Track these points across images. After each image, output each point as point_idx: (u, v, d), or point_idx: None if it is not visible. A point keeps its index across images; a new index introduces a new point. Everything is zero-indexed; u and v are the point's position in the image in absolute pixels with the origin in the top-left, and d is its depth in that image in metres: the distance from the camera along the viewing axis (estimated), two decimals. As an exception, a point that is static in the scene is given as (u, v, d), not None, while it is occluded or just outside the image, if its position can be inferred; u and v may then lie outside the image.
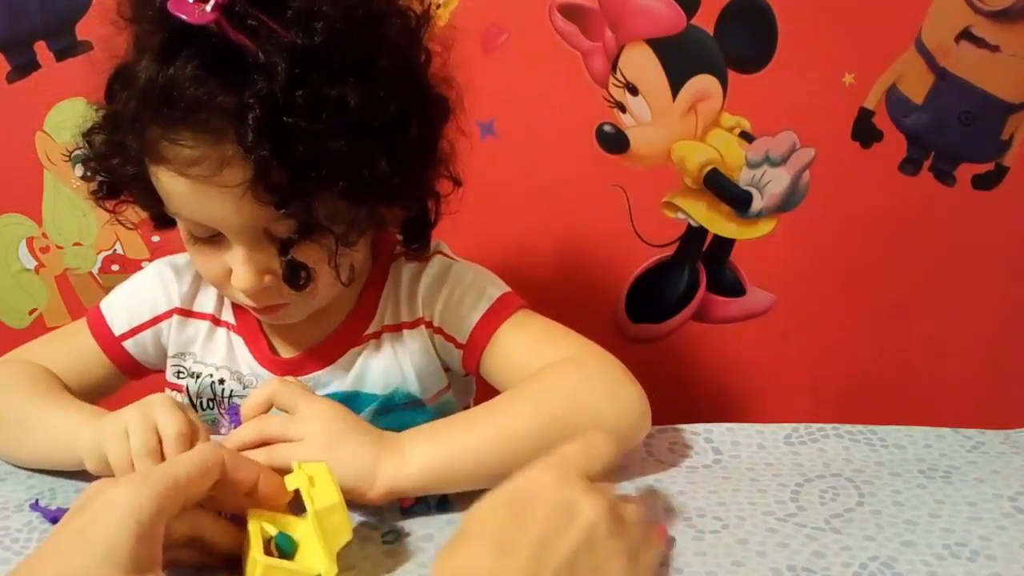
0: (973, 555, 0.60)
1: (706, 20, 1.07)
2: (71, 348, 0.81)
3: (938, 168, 1.14)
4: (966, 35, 1.08)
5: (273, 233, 0.67)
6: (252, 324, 0.80)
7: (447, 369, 0.82)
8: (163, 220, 0.75)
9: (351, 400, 0.75)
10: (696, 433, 0.77)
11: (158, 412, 0.62)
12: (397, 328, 0.80)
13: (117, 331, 0.81)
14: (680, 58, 1.08)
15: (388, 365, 0.79)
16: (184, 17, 0.59)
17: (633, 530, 0.53)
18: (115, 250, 1.14)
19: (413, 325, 0.80)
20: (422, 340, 0.80)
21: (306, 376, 0.79)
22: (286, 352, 0.80)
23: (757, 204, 1.15)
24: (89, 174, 0.73)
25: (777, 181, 1.14)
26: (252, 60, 0.60)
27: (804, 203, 1.15)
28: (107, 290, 1.15)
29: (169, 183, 0.65)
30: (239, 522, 0.58)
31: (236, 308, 0.80)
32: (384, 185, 0.65)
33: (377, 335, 0.80)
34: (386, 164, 0.65)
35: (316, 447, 0.63)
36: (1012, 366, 1.23)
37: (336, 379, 0.79)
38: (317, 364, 0.79)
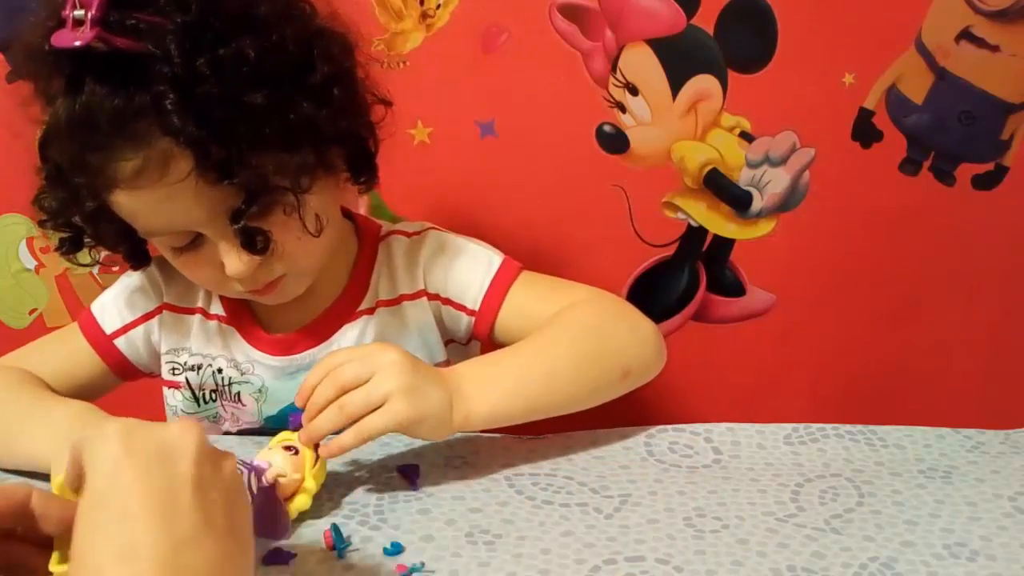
0: (973, 555, 0.60)
1: (706, 20, 1.06)
2: (63, 350, 0.82)
3: (938, 168, 1.14)
4: (966, 35, 1.08)
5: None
6: (243, 313, 0.82)
7: (448, 342, 0.84)
8: (135, 255, 0.78)
9: None
10: (696, 433, 0.77)
11: None
12: (396, 302, 0.82)
13: (108, 329, 0.82)
14: (680, 58, 1.08)
15: (383, 339, 0.81)
16: (68, 45, 0.61)
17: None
18: (115, 250, 1.14)
19: (414, 297, 0.82)
20: (423, 311, 0.82)
21: (301, 354, 0.80)
22: (281, 331, 0.81)
23: (757, 204, 1.15)
24: (54, 236, 0.74)
25: (777, 181, 1.14)
26: (146, 55, 0.61)
27: (804, 203, 1.15)
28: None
29: (128, 202, 0.67)
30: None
31: (224, 299, 0.82)
32: (312, 124, 0.67)
33: (371, 311, 0.81)
34: (307, 104, 0.66)
35: (400, 407, 0.65)
36: (1012, 366, 1.23)
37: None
38: (311, 342, 0.81)
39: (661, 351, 0.78)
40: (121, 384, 0.85)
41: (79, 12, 0.60)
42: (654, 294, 1.20)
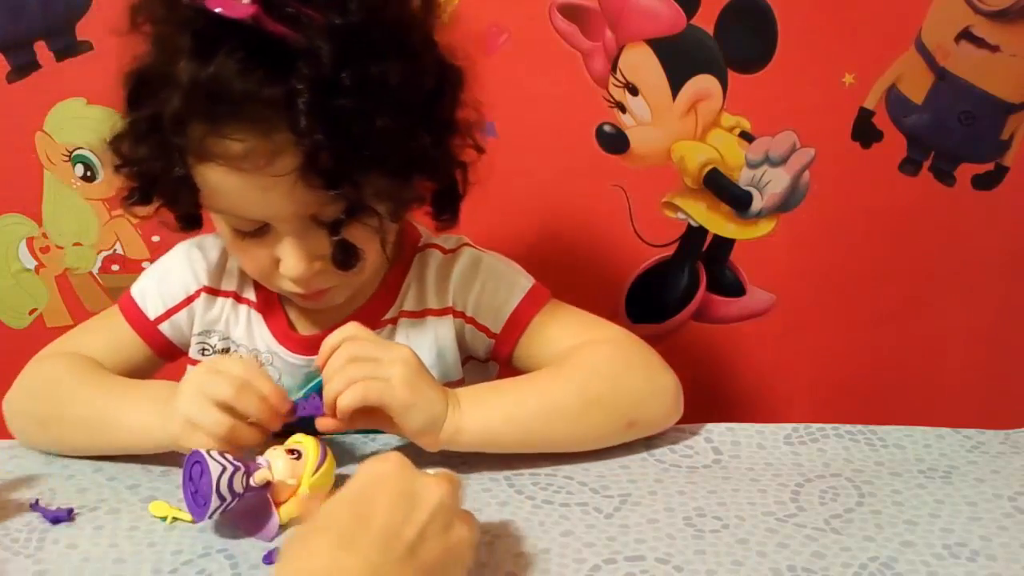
0: (973, 555, 0.60)
1: (706, 20, 1.06)
2: (108, 337, 0.81)
3: (938, 168, 1.14)
4: (966, 35, 1.08)
5: (320, 218, 0.68)
6: (273, 302, 0.81)
7: (467, 360, 0.83)
8: (192, 221, 0.76)
9: None
10: (696, 433, 0.77)
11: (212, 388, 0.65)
12: (420, 315, 0.81)
13: (152, 315, 0.81)
14: (680, 58, 1.08)
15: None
16: (222, 11, 0.60)
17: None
18: (115, 250, 1.14)
19: (440, 313, 0.81)
20: (447, 328, 0.81)
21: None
22: (304, 330, 0.81)
23: (757, 204, 1.15)
24: (125, 181, 0.73)
25: (777, 181, 1.14)
26: (294, 47, 0.61)
27: (804, 203, 1.15)
28: (107, 290, 1.15)
29: (219, 180, 0.66)
30: None
31: (258, 286, 0.81)
32: (426, 159, 0.69)
33: (394, 320, 0.81)
34: (426, 137, 0.68)
35: (400, 389, 0.66)
36: (1012, 366, 1.23)
37: None
38: None
39: (676, 407, 0.76)
40: (164, 365, 0.84)
41: None
42: (654, 294, 1.20)
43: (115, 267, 1.14)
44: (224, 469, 0.61)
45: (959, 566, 0.59)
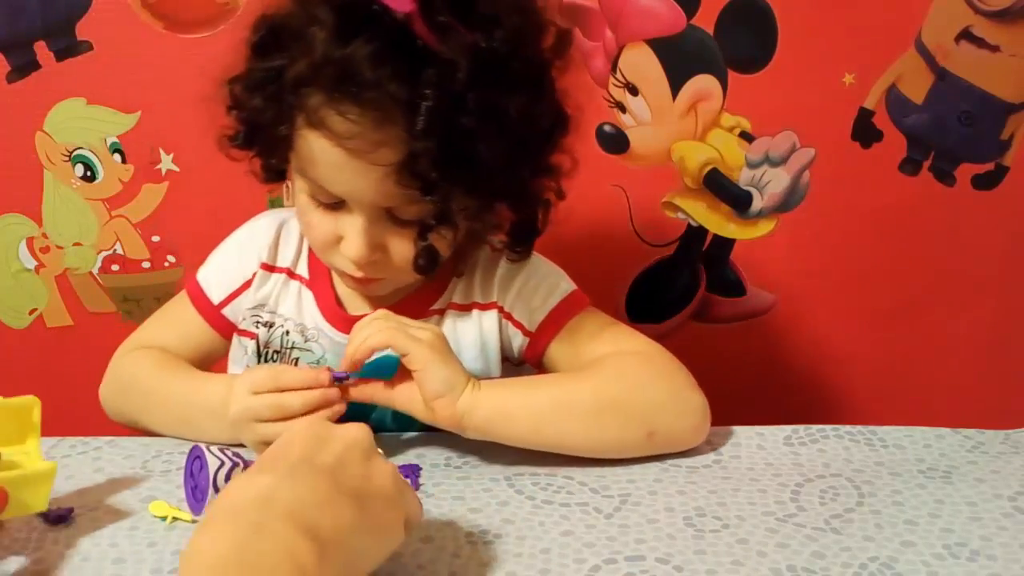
0: (973, 555, 0.60)
1: (706, 20, 1.07)
2: (179, 326, 0.85)
3: (938, 168, 1.14)
4: (966, 35, 1.08)
5: (396, 213, 0.70)
6: (324, 280, 0.82)
7: (503, 361, 0.84)
8: (277, 176, 0.77)
9: (398, 363, 0.76)
10: (696, 433, 0.77)
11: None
12: (467, 308, 0.82)
13: (216, 299, 0.84)
14: (680, 58, 1.08)
15: None
16: (387, 3, 0.61)
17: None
18: (115, 250, 1.14)
19: (486, 307, 0.82)
20: (491, 323, 0.82)
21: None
22: (353, 310, 0.82)
23: (757, 204, 1.15)
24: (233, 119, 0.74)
25: (777, 181, 1.14)
26: (434, 55, 0.63)
27: (804, 203, 1.15)
28: (107, 290, 1.16)
29: (318, 148, 0.67)
30: None
31: (311, 263, 0.83)
32: (519, 192, 0.72)
33: (441, 311, 0.82)
34: (527, 171, 0.70)
35: (426, 345, 0.68)
36: (1012, 366, 1.23)
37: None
38: None
39: (703, 424, 0.75)
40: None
41: None
42: (654, 294, 1.20)
43: (115, 267, 1.14)
44: (222, 464, 0.62)
45: (959, 566, 0.59)
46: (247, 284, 0.83)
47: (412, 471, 0.71)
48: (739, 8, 1.06)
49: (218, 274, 0.84)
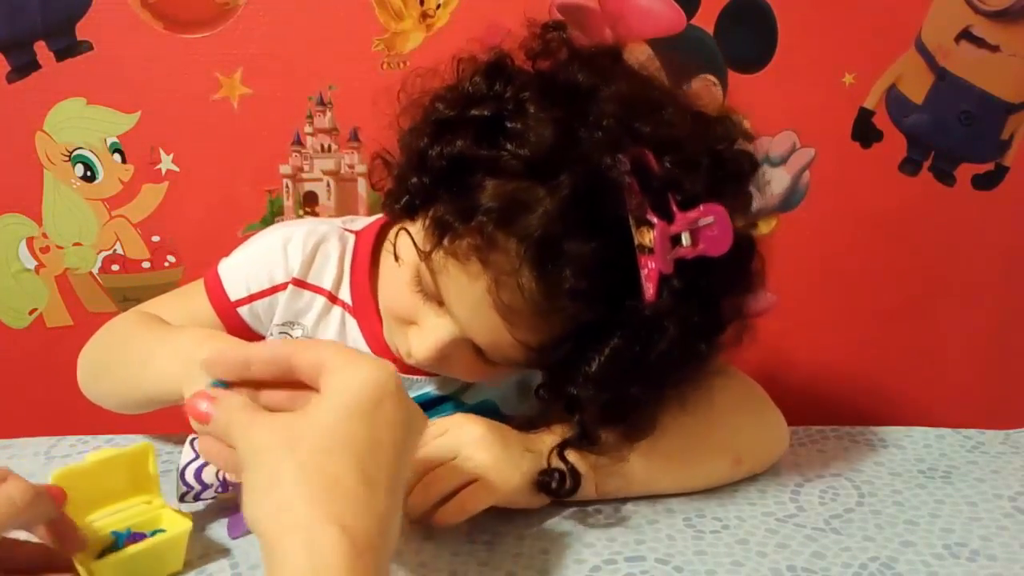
0: (973, 555, 0.60)
1: (706, 20, 1.06)
2: (187, 306, 0.80)
3: (938, 168, 1.14)
4: (966, 35, 1.08)
5: (487, 355, 0.66)
6: (369, 308, 0.77)
7: None
8: (409, 213, 0.69)
9: (438, 402, 0.74)
10: (696, 433, 0.77)
11: None
12: None
13: (233, 296, 0.79)
14: (680, 58, 1.08)
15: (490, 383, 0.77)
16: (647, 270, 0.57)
17: None
18: (115, 250, 1.14)
19: None
20: None
21: (412, 376, 0.76)
22: None
23: (757, 204, 1.15)
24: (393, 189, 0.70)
25: (777, 181, 1.14)
26: (644, 304, 0.58)
27: (804, 203, 1.15)
28: (107, 290, 1.15)
29: (469, 281, 0.62)
30: None
31: (353, 288, 0.78)
32: (650, 394, 0.64)
33: None
34: (672, 376, 0.64)
35: (497, 483, 0.63)
36: (1012, 366, 1.23)
37: (432, 385, 0.77)
38: (426, 372, 0.75)
39: (784, 439, 0.74)
40: None
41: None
42: (654, 294, 1.19)
43: (115, 267, 1.14)
44: (196, 457, 0.62)
45: (959, 566, 0.59)
46: (271, 291, 0.79)
47: None
48: (739, 8, 1.06)
49: (241, 272, 0.80)
